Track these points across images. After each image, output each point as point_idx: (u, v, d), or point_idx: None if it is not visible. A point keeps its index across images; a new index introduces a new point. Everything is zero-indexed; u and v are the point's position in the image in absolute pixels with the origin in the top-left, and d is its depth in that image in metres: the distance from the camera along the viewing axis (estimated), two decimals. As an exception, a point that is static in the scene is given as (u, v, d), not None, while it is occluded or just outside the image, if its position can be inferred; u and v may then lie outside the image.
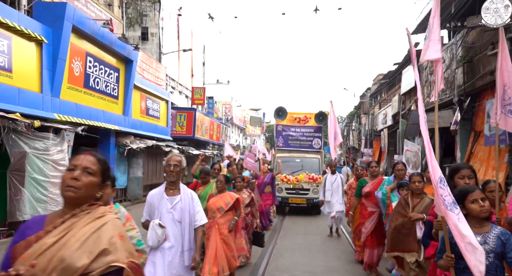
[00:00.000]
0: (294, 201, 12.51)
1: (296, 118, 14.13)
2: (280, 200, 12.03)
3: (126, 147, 13.15)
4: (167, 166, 3.48)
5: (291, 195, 12.52)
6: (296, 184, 12.44)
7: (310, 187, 12.44)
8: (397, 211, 4.65)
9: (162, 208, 3.46)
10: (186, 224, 3.49)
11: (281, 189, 12.39)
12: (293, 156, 13.53)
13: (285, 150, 13.86)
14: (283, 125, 14.09)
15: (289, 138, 13.97)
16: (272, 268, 6.50)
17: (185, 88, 24.67)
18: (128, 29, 19.65)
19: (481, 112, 10.78)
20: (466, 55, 11.35)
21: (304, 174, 12.62)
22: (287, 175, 12.65)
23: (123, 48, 12.85)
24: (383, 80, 24.54)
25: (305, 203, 12.46)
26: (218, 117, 32.60)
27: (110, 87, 12.57)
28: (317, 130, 14.11)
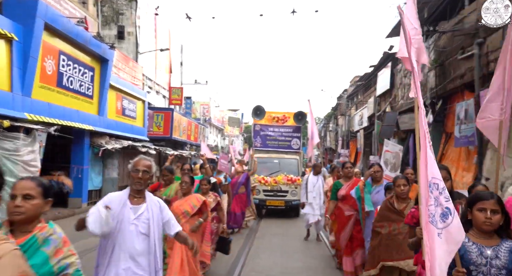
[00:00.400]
0: (272, 203, 12.11)
1: (274, 118, 13.77)
2: (257, 202, 11.67)
3: (101, 147, 12.90)
4: (135, 171, 2.92)
5: (269, 197, 12.09)
6: (274, 185, 12.05)
7: (289, 189, 12.05)
8: (384, 216, 4.23)
9: (124, 218, 2.84)
10: (155, 238, 2.90)
11: (258, 190, 11.98)
12: (271, 156, 13.15)
13: (263, 150, 13.48)
14: (261, 125, 13.70)
15: (267, 138, 13.60)
16: (249, 269, 6.50)
17: (163, 88, 24.41)
18: (104, 27, 19.28)
19: (452, 115, 11.12)
20: (438, 58, 11.70)
21: (282, 175, 12.24)
22: (265, 176, 12.24)
23: (98, 47, 12.61)
24: (359, 82, 24.97)
25: (283, 205, 12.07)
26: (196, 117, 32.40)
27: (85, 87, 12.31)
28: (296, 130, 13.73)
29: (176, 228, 3.08)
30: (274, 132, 13.64)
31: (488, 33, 9.08)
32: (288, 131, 13.65)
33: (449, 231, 2.35)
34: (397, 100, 15.80)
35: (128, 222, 2.84)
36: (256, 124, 13.85)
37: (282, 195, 12.09)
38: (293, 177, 12.16)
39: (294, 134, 13.67)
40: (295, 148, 13.62)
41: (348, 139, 26.81)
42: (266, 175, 12.32)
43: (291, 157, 13.15)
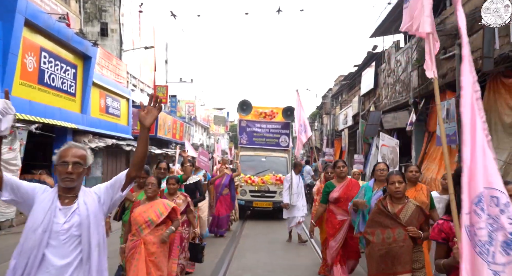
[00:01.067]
0: (259, 204, 11.43)
1: (261, 113, 12.92)
2: (243, 204, 11.18)
3: (84, 146, 12.72)
4: (62, 164, 2.18)
5: (255, 197, 11.42)
6: (262, 185, 11.37)
7: (277, 189, 11.22)
8: (375, 221, 3.51)
9: (52, 222, 2.11)
10: (91, 242, 2.17)
11: (244, 191, 11.35)
12: (258, 154, 12.37)
13: (249, 147, 12.65)
14: (247, 121, 12.79)
15: (254, 135, 12.69)
16: (235, 268, 6.49)
17: (147, 86, 24.18)
18: (86, 24, 18.99)
19: (434, 114, 11.32)
20: (421, 58, 11.87)
21: (270, 175, 11.57)
22: (252, 175, 11.60)
23: (81, 44, 12.41)
24: (344, 81, 25.19)
25: (271, 206, 11.34)
26: (181, 116, 32.20)
27: (67, 84, 12.11)
28: (285, 127, 12.87)
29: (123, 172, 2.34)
30: (261, 129, 12.77)
31: (469, 34, 9.26)
32: (276, 127, 12.81)
33: None
34: (381, 100, 16.00)
35: (59, 227, 2.13)
36: (242, 120, 12.92)
37: (270, 196, 11.43)
38: (282, 176, 11.42)
39: (283, 131, 12.87)
40: (284, 146, 12.82)
41: (333, 138, 27.03)
42: (253, 174, 11.70)
43: (280, 155, 12.41)
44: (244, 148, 12.66)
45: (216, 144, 15.21)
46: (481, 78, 8.80)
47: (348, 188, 5.28)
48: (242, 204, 11.05)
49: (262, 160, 12.13)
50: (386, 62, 15.32)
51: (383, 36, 15.68)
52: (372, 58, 17.59)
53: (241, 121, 12.96)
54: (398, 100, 13.67)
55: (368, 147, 18.30)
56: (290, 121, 12.69)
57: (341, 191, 5.27)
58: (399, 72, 13.69)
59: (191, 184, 6.51)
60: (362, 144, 18.99)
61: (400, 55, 13.66)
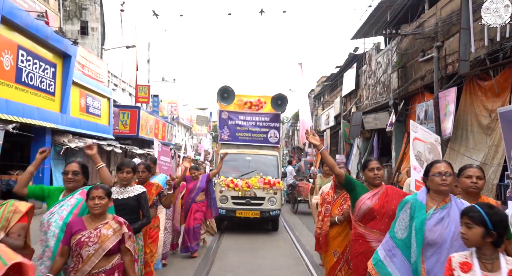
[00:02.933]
0: (243, 213, 9.24)
1: (246, 103, 10.78)
2: (223, 213, 9.07)
3: (63, 145, 12.49)
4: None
5: (239, 205, 9.28)
6: (247, 190, 9.29)
7: (266, 195, 9.33)
8: None
9: None
10: None
11: (225, 197, 9.29)
12: (243, 152, 10.19)
13: (231, 144, 10.53)
14: (229, 112, 10.69)
15: (237, 129, 10.62)
16: (217, 268, 6.47)
17: (129, 85, 23.90)
18: (66, 22, 18.66)
19: (413, 115, 11.56)
20: (400, 61, 12.12)
21: (257, 177, 9.50)
22: (235, 178, 9.47)
23: (60, 43, 12.18)
24: (326, 82, 25.43)
25: (259, 216, 9.26)
26: (164, 116, 31.93)
27: (46, 83, 11.87)
28: (274, 119, 10.73)
29: None
30: (246, 122, 10.67)
31: (446, 37, 9.51)
32: (264, 120, 10.69)
33: None
34: (362, 101, 16.24)
35: None
36: (222, 111, 10.72)
37: (257, 203, 9.33)
38: (272, 179, 9.47)
39: (272, 124, 10.70)
40: (273, 142, 10.68)
41: (315, 138, 27.24)
42: (236, 176, 9.59)
43: (269, 153, 10.32)
44: (225, 144, 10.57)
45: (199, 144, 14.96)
46: (458, 81, 9.05)
47: (386, 197, 3.31)
48: (222, 214, 8.99)
49: (247, 159, 10.06)
50: (367, 64, 15.57)
51: (364, 38, 15.93)
52: (354, 59, 17.84)
53: (221, 113, 10.74)
54: (379, 101, 13.92)
55: (350, 147, 18.55)
56: (280, 113, 10.85)
57: (376, 200, 3.29)
58: (380, 73, 13.93)
59: (130, 199, 3.89)
60: (344, 144, 19.23)
61: (381, 57, 13.90)
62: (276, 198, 9.36)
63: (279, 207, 9.49)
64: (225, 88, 10.60)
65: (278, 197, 9.46)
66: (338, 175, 3.44)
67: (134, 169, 4.03)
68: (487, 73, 8.26)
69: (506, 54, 7.21)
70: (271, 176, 9.58)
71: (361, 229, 3.33)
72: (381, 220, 3.25)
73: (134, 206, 3.86)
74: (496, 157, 7.63)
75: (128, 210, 3.77)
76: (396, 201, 3.16)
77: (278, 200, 9.42)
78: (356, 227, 3.41)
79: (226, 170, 9.50)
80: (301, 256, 7.39)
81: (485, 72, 8.31)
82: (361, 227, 3.34)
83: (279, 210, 9.53)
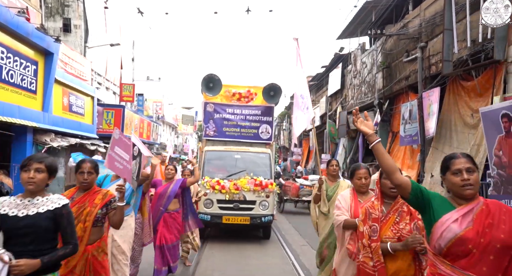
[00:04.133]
0: (231, 220, 8.13)
1: (235, 94, 9.61)
2: (208, 219, 8.03)
3: (45, 145, 12.24)
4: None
5: (226, 210, 8.20)
6: (235, 193, 8.23)
7: (257, 198, 8.23)
8: None
9: None
10: None
11: (210, 201, 8.21)
12: (230, 149, 9.11)
13: (218, 141, 9.47)
14: (216, 104, 9.54)
15: (224, 123, 9.51)
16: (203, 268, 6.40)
17: (113, 84, 23.59)
18: (48, 19, 18.29)
19: (397, 115, 11.70)
20: (385, 61, 12.24)
21: (247, 178, 8.41)
22: (221, 179, 8.37)
23: (42, 40, 11.92)
24: (312, 82, 25.54)
25: (249, 222, 8.15)
26: (149, 115, 31.63)
27: (27, 81, 11.60)
28: (266, 113, 9.61)
29: None
30: (234, 116, 9.52)
31: (430, 38, 9.65)
32: (255, 113, 9.56)
33: None
34: (347, 100, 16.36)
35: None
36: (208, 104, 9.56)
37: (247, 208, 8.27)
38: (264, 180, 8.41)
39: (264, 118, 9.57)
40: (265, 138, 9.56)
41: (301, 138, 27.37)
42: (223, 177, 8.52)
43: (260, 151, 9.20)
44: (210, 141, 9.45)
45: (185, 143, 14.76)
46: (441, 81, 9.18)
47: (487, 217, 2.02)
48: (207, 220, 7.97)
49: (236, 157, 8.95)
50: (352, 64, 15.69)
51: (349, 38, 16.06)
52: (339, 59, 17.96)
53: (206, 105, 9.56)
54: (364, 101, 14.04)
55: (335, 146, 18.67)
56: (273, 105, 9.72)
57: (469, 224, 2.02)
58: (365, 73, 14.06)
59: (39, 218, 2.48)
60: (329, 143, 19.35)
61: (366, 57, 14.03)
62: (268, 202, 8.29)
63: (271, 212, 8.32)
64: (210, 77, 9.34)
65: (271, 200, 8.35)
66: (399, 185, 2.17)
67: (50, 169, 2.55)
68: (470, 73, 8.41)
69: (488, 55, 7.35)
70: (262, 177, 8.50)
71: (446, 269, 2.00)
72: (482, 257, 1.94)
73: (46, 228, 2.46)
74: (478, 156, 7.77)
75: (34, 235, 2.41)
76: (508, 223, 1.97)
77: (270, 204, 8.31)
78: (437, 265, 2.05)
79: (212, 169, 8.58)
80: (287, 255, 7.38)
81: (468, 73, 8.46)
82: (446, 266, 2.00)
83: (272, 215, 8.35)
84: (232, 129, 9.53)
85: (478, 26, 7.35)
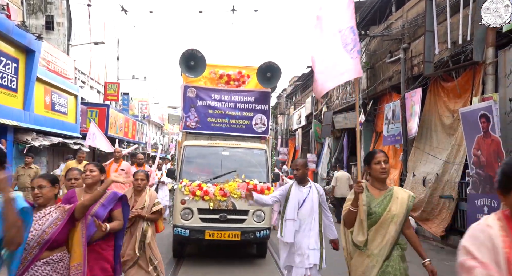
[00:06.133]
0: (216, 235, 6.22)
1: (222, 76, 7.62)
2: (186, 235, 6.19)
3: (26, 144, 12.03)
4: None
5: (210, 222, 6.33)
6: (222, 200, 6.35)
7: (250, 207, 6.31)
8: None
9: None
10: None
11: (189, 211, 6.34)
12: (216, 145, 7.10)
13: (201, 134, 7.47)
14: (198, 89, 7.50)
15: (209, 112, 7.51)
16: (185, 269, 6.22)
17: (97, 83, 23.31)
18: (30, 16, 17.96)
19: (381, 115, 11.83)
20: (369, 61, 12.37)
21: (237, 181, 6.52)
22: (204, 182, 6.49)
23: (23, 37, 11.72)
24: (298, 82, 25.67)
25: (239, 238, 6.24)
26: (134, 114, 31.34)
27: (7, 79, 11.39)
28: (262, 99, 7.60)
29: None
30: (222, 103, 7.54)
31: (412, 39, 9.78)
32: (247, 100, 7.57)
33: None
34: (332, 100, 16.47)
35: None
36: (188, 88, 7.49)
37: (237, 219, 6.40)
38: (259, 183, 6.60)
39: (259, 107, 7.58)
40: (260, 131, 7.57)
41: (287, 137, 27.47)
42: (206, 179, 6.58)
43: (254, 147, 7.24)
44: (192, 134, 7.49)
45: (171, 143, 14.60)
46: (423, 82, 9.33)
47: None
48: (185, 236, 6.21)
49: (223, 155, 7.02)
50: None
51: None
52: (325, 60, 18.03)
53: (187, 89, 7.50)
54: (349, 101, 14.16)
55: (321, 146, 18.79)
56: (270, 90, 7.79)
57: None
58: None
59: None
60: (315, 143, 19.46)
61: (350, 58, 14.13)
62: (264, 212, 6.44)
63: (268, 225, 6.49)
64: (191, 53, 7.28)
65: (268, 209, 6.46)
66: None
67: None
68: (450, 74, 8.56)
69: (467, 57, 7.49)
70: (257, 179, 6.66)
71: None
72: None
73: None
74: (458, 155, 7.92)
75: None
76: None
77: (267, 214, 6.49)
78: None
79: (192, 170, 6.79)
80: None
81: (448, 74, 8.61)
82: None
83: (269, 229, 6.49)
84: (219, 119, 7.57)
85: (458, 28, 7.49)
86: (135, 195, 4.44)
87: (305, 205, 4.04)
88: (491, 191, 6.22)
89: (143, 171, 4.68)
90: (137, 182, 4.44)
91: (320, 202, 4.08)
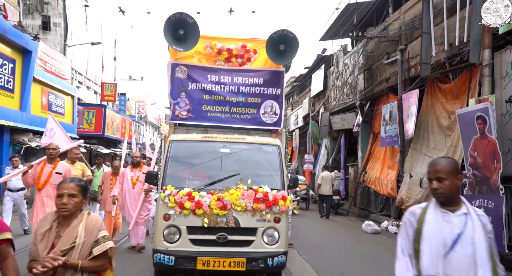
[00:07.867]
0: (213, 263, 4.38)
1: (221, 52, 5.73)
2: (171, 264, 4.39)
3: (23, 144, 11.99)
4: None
5: (204, 246, 4.51)
6: (221, 215, 4.52)
7: (259, 224, 4.62)
8: None
9: None
10: None
11: (176, 230, 4.52)
12: (213, 139, 5.23)
13: (194, 126, 5.68)
14: (190, 67, 5.69)
15: (204, 98, 5.66)
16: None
17: (94, 83, 23.24)
18: (26, 17, 17.91)
19: (378, 116, 11.86)
20: (366, 63, 12.40)
21: (241, 188, 4.69)
22: (195, 190, 4.63)
23: (20, 38, 11.69)
24: (295, 83, 25.69)
25: (244, 268, 4.42)
26: (131, 115, 31.29)
27: (4, 80, 11.35)
28: (272, 81, 5.75)
29: None
30: (221, 86, 5.67)
31: (409, 41, 9.82)
32: (254, 83, 5.70)
33: None
34: (330, 101, 16.50)
35: None
36: (177, 66, 5.67)
37: (241, 241, 4.59)
38: (271, 191, 4.72)
39: (269, 91, 5.73)
40: (271, 122, 5.72)
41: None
42: (199, 186, 4.75)
43: (263, 142, 5.35)
44: (182, 126, 5.72)
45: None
46: (420, 83, 9.36)
47: None
48: (169, 265, 4.42)
49: (222, 152, 5.15)
50: (334, 65, 15.84)
51: (331, 40, 16.21)
52: (322, 61, 18.12)
53: (175, 68, 5.67)
54: (346, 102, 14.19)
55: (318, 147, 18.82)
56: (283, 69, 5.85)
57: None
58: (347, 75, 14.21)
59: None
60: (312, 144, 19.49)
61: (348, 59, 14.18)
62: (279, 230, 4.65)
63: (284, 248, 4.66)
64: (180, 19, 5.41)
65: (283, 227, 4.68)
66: None
67: None
68: (447, 76, 8.60)
69: (464, 58, 7.52)
70: (268, 186, 4.77)
71: None
72: None
73: None
74: (455, 156, 7.94)
75: None
76: None
77: (283, 233, 4.66)
78: None
79: (180, 173, 5.08)
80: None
81: (445, 75, 8.65)
82: None
83: (285, 254, 4.67)
84: (217, 108, 5.66)
85: (455, 29, 7.52)
86: (59, 223, 2.36)
87: (458, 248, 2.08)
88: (488, 192, 6.25)
89: None
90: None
91: (489, 245, 2.08)
